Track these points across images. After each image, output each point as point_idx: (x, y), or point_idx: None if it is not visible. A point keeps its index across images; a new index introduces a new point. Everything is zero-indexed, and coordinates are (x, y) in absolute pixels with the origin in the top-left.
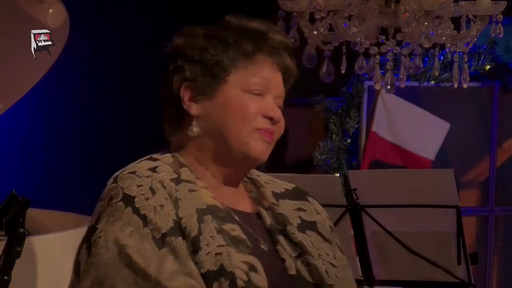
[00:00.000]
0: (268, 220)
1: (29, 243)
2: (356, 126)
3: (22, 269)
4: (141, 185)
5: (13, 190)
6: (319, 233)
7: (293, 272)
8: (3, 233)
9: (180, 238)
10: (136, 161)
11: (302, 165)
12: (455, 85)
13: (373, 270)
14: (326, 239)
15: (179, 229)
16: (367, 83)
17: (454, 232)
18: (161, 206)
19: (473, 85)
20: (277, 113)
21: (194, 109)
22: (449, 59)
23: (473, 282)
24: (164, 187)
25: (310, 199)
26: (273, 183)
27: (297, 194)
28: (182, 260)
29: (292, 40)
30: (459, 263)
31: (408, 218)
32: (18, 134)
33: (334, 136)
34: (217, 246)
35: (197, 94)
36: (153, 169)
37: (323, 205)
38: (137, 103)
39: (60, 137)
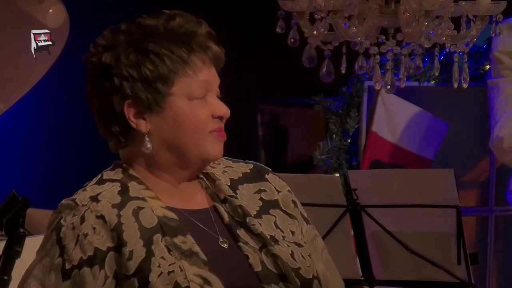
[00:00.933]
0: (226, 216)
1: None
2: (356, 126)
3: (22, 269)
4: (76, 215)
5: (13, 190)
6: (283, 211)
7: (258, 268)
8: (3, 233)
9: (96, 267)
10: (89, 183)
11: (302, 165)
12: (455, 85)
13: (373, 270)
14: (291, 216)
15: (99, 257)
16: (367, 83)
17: (454, 232)
18: (85, 235)
19: (473, 85)
20: (224, 109)
21: (143, 126)
22: (449, 59)
23: (473, 282)
24: (101, 217)
25: (269, 176)
26: (230, 170)
27: (256, 176)
28: None
29: (292, 40)
30: (459, 263)
31: (408, 218)
32: (18, 134)
33: (334, 136)
34: (169, 265)
35: (143, 111)
36: (94, 198)
37: (323, 205)
38: None
39: (60, 137)
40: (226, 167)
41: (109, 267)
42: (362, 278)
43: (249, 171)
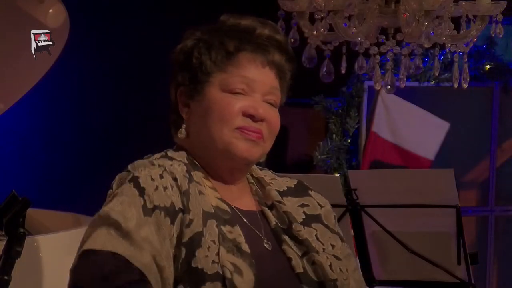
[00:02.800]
0: (273, 220)
1: (29, 243)
2: (356, 126)
3: (22, 269)
4: (151, 170)
5: (13, 190)
6: (325, 225)
7: (300, 270)
8: (3, 233)
9: (168, 219)
10: (151, 155)
11: (302, 165)
12: (455, 85)
13: (373, 270)
14: (332, 230)
15: (174, 213)
16: (367, 83)
17: (454, 232)
18: (164, 188)
19: (473, 85)
20: (259, 111)
21: (185, 113)
22: (449, 59)
23: (473, 282)
24: (175, 179)
25: (312, 193)
26: (275, 182)
27: (299, 191)
28: (161, 237)
29: (292, 40)
30: (459, 263)
31: (408, 218)
32: (18, 134)
33: (334, 136)
34: (216, 253)
35: (188, 99)
36: (168, 161)
37: None
38: (137, 103)
39: (60, 137)
40: (272, 179)
41: (176, 227)
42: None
43: (293, 186)
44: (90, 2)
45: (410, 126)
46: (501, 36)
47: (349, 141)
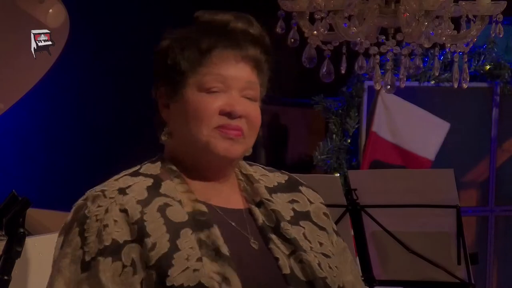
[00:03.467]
0: (260, 218)
1: (29, 243)
2: (356, 126)
3: (22, 269)
4: (101, 206)
5: (13, 190)
6: (314, 223)
7: (287, 271)
8: (3, 233)
9: (109, 259)
10: (121, 173)
11: (302, 165)
12: (455, 85)
13: (373, 270)
14: (321, 227)
15: (114, 249)
16: (367, 83)
17: (454, 232)
18: (105, 226)
19: (473, 85)
20: (236, 108)
21: (165, 114)
22: (449, 59)
23: (473, 282)
24: (124, 210)
25: (303, 189)
26: (265, 178)
27: (290, 186)
28: (97, 283)
29: (292, 40)
30: (459, 263)
31: (408, 218)
32: (18, 134)
33: (334, 136)
34: (196, 260)
35: (167, 100)
36: (122, 190)
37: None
38: (137, 102)
39: (60, 137)
40: (262, 175)
41: (127, 257)
42: (362, 278)
43: (284, 181)
44: (90, 2)
45: (410, 126)
46: (501, 36)
47: (349, 141)
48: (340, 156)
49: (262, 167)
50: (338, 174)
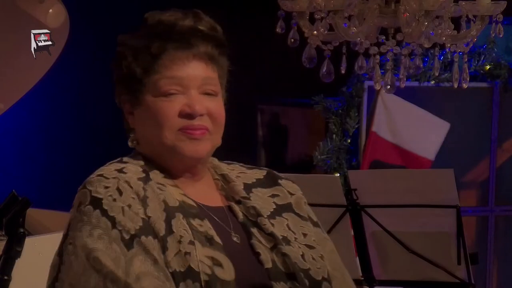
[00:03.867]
0: (241, 214)
1: (29, 243)
2: (356, 126)
3: (22, 269)
4: (108, 186)
5: (13, 190)
6: (296, 213)
7: (269, 265)
8: (3, 233)
9: (150, 237)
10: (106, 164)
11: (302, 165)
12: (455, 85)
13: (373, 270)
14: (303, 218)
15: (150, 228)
16: (367, 83)
17: (454, 232)
18: (129, 206)
19: (473, 85)
20: (196, 107)
21: (131, 121)
22: (449, 59)
23: (473, 282)
24: (131, 187)
25: (283, 182)
26: (244, 175)
27: (269, 181)
28: (152, 260)
29: (292, 40)
30: (459, 263)
31: (408, 218)
32: (18, 134)
33: (334, 136)
34: (188, 243)
35: (131, 107)
36: (120, 170)
37: (323, 205)
38: None
39: (60, 137)
40: (240, 172)
41: (152, 236)
42: (362, 278)
43: (262, 176)
44: (90, 2)
45: (410, 126)
46: (501, 36)
47: (349, 141)
48: (340, 156)
49: (241, 165)
50: (338, 174)
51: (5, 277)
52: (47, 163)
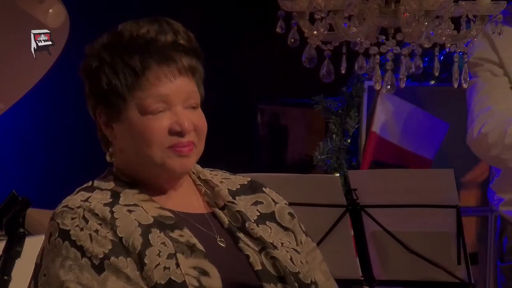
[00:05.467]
0: (226, 220)
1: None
2: (356, 126)
3: (22, 269)
4: (75, 218)
5: (13, 190)
6: (278, 224)
7: (258, 267)
8: (3, 233)
9: (122, 257)
10: (74, 192)
11: (302, 165)
12: (455, 85)
13: (373, 270)
14: (285, 228)
15: (121, 247)
16: (367, 83)
17: (454, 232)
18: (96, 231)
19: None
20: (185, 125)
21: (109, 134)
22: (449, 59)
23: (473, 282)
24: (96, 214)
25: (266, 190)
26: (228, 181)
27: (253, 188)
28: (125, 277)
29: (292, 40)
30: (459, 263)
31: (408, 218)
32: (18, 134)
33: (334, 136)
34: (167, 257)
35: (109, 121)
36: (85, 200)
37: (323, 205)
38: None
39: (60, 137)
40: (223, 178)
41: (123, 255)
42: (362, 278)
43: (246, 182)
44: (90, 2)
45: (410, 126)
46: (501, 36)
47: (349, 141)
48: (340, 156)
49: (224, 172)
50: (338, 174)
51: (5, 277)
52: (47, 163)
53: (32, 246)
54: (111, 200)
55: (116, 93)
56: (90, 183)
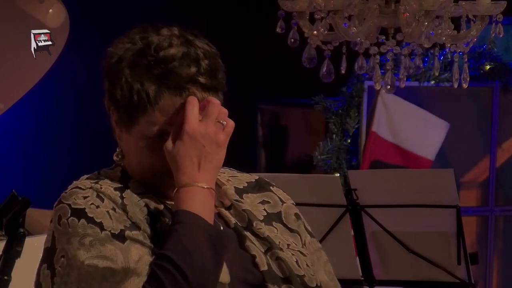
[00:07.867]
0: (232, 220)
1: (29, 243)
2: (356, 126)
3: (22, 269)
4: (87, 196)
5: (13, 190)
6: (284, 225)
7: (264, 268)
8: (3, 233)
9: (139, 231)
10: (80, 178)
11: (302, 165)
12: (455, 85)
13: (373, 270)
14: (291, 230)
15: (136, 226)
16: (367, 83)
17: (454, 232)
18: (114, 209)
19: (473, 85)
20: None
21: (117, 133)
22: (449, 59)
23: (473, 282)
24: (109, 195)
25: (274, 188)
26: (235, 179)
27: (260, 186)
28: (148, 247)
29: (292, 40)
30: (459, 263)
31: (408, 218)
32: (18, 134)
33: (334, 136)
34: None
35: (118, 125)
36: (95, 182)
37: (323, 205)
38: None
39: (60, 137)
40: (230, 176)
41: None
42: (362, 278)
43: (254, 180)
44: (90, 2)
45: (410, 126)
46: (501, 36)
47: (349, 141)
48: (340, 156)
49: (230, 169)
50: (338, 174)
51: (5, 277)
52: (47, 163)
53: (32, 246)
54: (121, 185)
55: (128, 110)
56: (97, 172)
